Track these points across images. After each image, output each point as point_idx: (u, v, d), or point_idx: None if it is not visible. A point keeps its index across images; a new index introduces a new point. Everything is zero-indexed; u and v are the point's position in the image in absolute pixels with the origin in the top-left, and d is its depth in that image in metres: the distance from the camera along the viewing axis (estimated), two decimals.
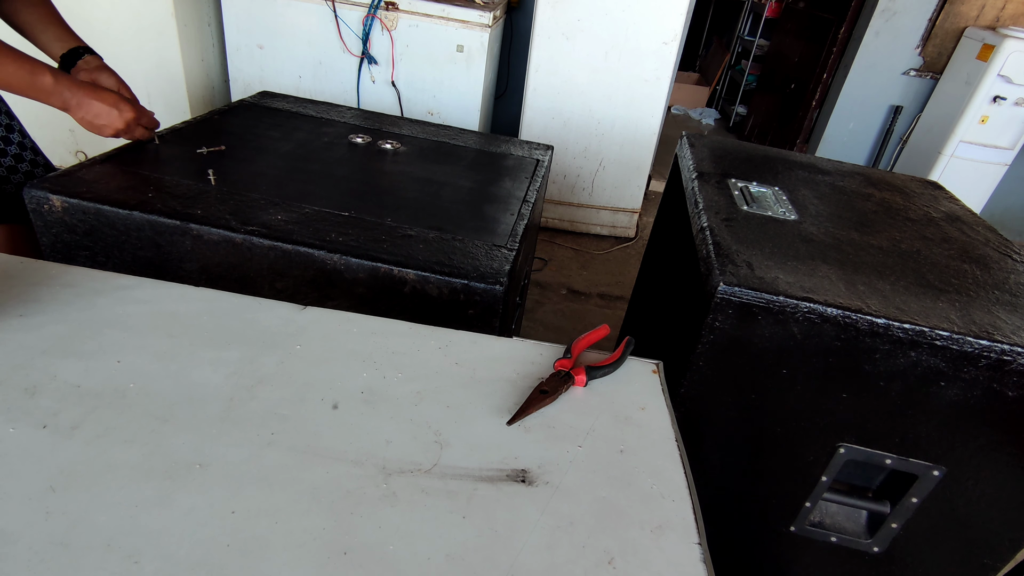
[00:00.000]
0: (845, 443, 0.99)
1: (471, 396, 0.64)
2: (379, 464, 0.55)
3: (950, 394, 0.90)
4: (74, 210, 0.97)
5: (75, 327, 0.64)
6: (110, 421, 0.54)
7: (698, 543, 0.52)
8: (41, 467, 0.49)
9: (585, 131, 2.95)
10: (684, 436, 0.65)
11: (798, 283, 0.92)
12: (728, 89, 6.09)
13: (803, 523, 1.09)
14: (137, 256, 1.00)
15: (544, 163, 1.44)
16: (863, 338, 0.89)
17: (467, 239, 1.04)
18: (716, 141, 1.57)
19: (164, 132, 1.26)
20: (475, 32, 2.68)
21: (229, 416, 0.57)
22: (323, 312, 0.73)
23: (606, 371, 0.70)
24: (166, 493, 0.49)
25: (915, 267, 1.05)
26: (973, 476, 0.97)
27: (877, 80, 3.68)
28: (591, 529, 0.52)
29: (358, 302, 0.97)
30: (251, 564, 0.45)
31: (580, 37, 2.73)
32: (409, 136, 1.47)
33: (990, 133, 3.35)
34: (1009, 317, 0.93)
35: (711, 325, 0.92)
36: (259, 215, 1.00)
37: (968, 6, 3.40)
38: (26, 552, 0.43)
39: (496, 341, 0.74)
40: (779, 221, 1.15)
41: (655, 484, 0.57)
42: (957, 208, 1.38)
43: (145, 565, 0.43)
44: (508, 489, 0.54)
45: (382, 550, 0.47)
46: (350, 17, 2.66)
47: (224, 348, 0.65)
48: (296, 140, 1.34)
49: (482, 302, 0.94)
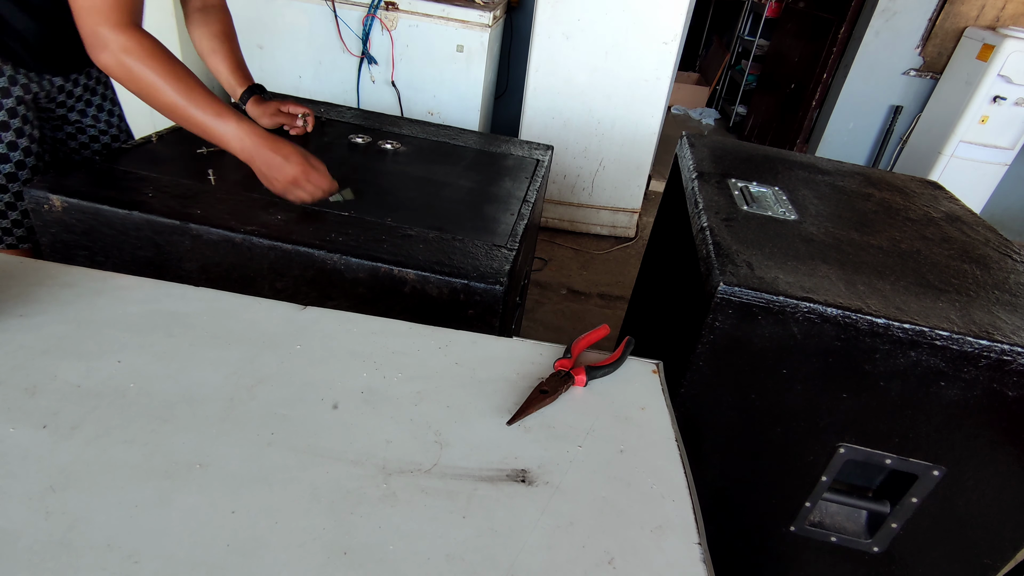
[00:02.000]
0: (845, 443, 0.99)
1: (471, 396, 0.64)
2: (379, 464, 0.55)
3: (950, 394, 0.90)
4: (73, 210, 0.97)
5: (75, 327, 0.64)
6: (110, 421, 0.54)
7: (698, 543, 0.52)
8: (41, 467, 0.49)
9: (585, 131, 2.95)
10: (684, 436, 0.65)
11: (798, 283, 0.92)
12: (728, 89, 6.09)
13: (803, 523, 1.09)
14: (137, 256, 1.00)
15: (544, 163, 1.44)
16: (863, 338, 0.89)
17: (467, 239, 1.04)
18: (716, 141, 1.57)
19: (164, 132, 1.26)
20: (475, 32, 2.68)
21: (229, 416, 0.57)
22: (323, 312, 0.73)
23: (606, 371, 0.70)
24: (166, 493, 0.49)
25: (915, 267, 1.05)
26: (973, 476, 0.97)
27: (877, 80, 3.68)
28: (591, 529, 0.52)
29: (358, 302, 0.97)
30: (251, 564, 0.45)
31: (580, 37, 2.72)
32: (409, 136, 1.47)
33: (990, 133, 3.35)
34: (1009, 317, 0.93)
35: (711, 325, 0.92)
36: (259, 215, 1.00)
37: (968, 6, 3.40)
38: (26, 552, 0.43)
39: (496, 341, 0.74)
40: (779, 221, 1.15)
41: (655, 484, 0.57)
42: (957, 208, 1.38)
43: (145, 565, 0.43)
44: (508, 489, 0.54)
45: (382, 550, 0.47)
46: (350, 17, 2.66)
47: (224, 348, 0.65)
48: (296, 140, 1.34)
49: (482, 302, 0.94)
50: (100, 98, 1.26)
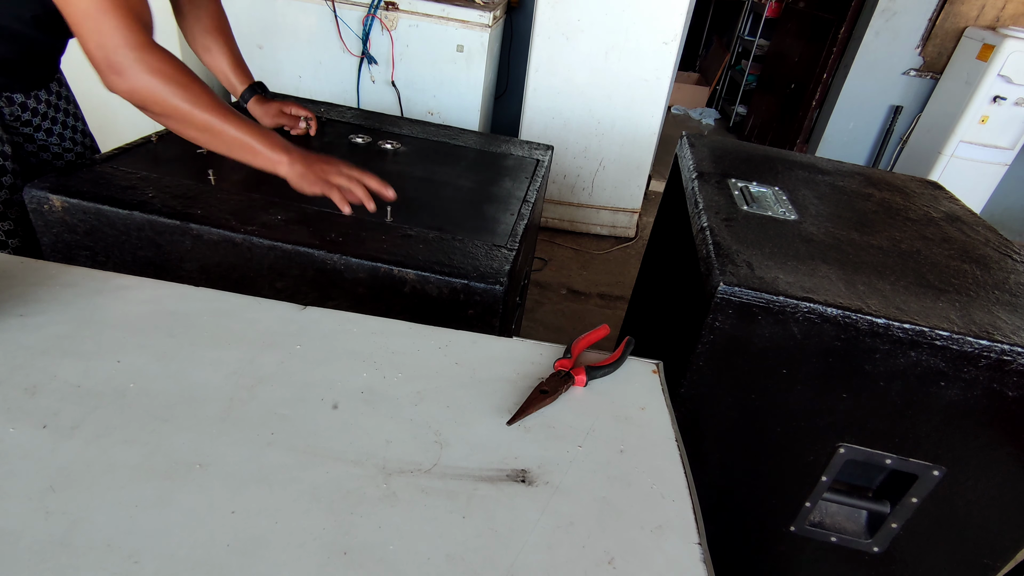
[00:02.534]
0: (845, 443, 0.99)
1: (471, 396, 0.64)
2: (379, 464, 0.55)
3: (950, 394, 0.90)
4: (74, 210, 0.97)
5: (75, 327, 0.64)
6: (110, 421, 0.54)
7: (698, 543, 0.52)
8: (41, 467, 0.49)
9: (585, 131, 2.95)
10: (684, 436, 0.65)
11: (798, 283, 0.92)
12: (728, 89, 6.09)
13: (803, 523, 1.09)
14: (137, 256, 1.00)
15: (544, 163, 1.44)
16: (863, 338, 0.89)
17: (467, 239, 1.04)
18: (716, 141, 1.57)
19: (164, 132, 1.26)
20: (475, 32, 2.68)
21: (229, 416, 0.57)
22: (323, 312, 0.73)
23: (606, 371, 0.70)
24: (166, 493, 0.49)
25: (915, 267, 1.05)
26: (973, 476, 0.97)
27: (877, 80, 3.68)
28: (591, 529, 0.52)
29: (358, 302, 0.97)
30: (251, 564, 0.45)
31: (580, 37, 2.72)
32: (409, 136, 1.47)
33: (990, 133, 3.35)
34: (1009, 317, 0.93)
35: (711, 325, 0.92)
36: (259, 215, 1.00)
37: (968, 6, 3.40)
38: (26, 552, 0.43)
39: (496, 341, 0.74)
40: (779, 221, 1.15)
41: (655, 484, 0.57)
42: (957, 208, 1.38)
43: (145, 565, 0.43)
44: (508, 489, 0.54)
45: (382, 550, 0.47)
46: (350, 17, 2.66)
47: (224, 348, 0.65)
48: (296, 140, 1.34)
49: (482, 302, 0.94)
50: (63, 114, 1.19)
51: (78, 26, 0.83)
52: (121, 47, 0.84)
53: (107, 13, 0.82)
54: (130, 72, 0.85)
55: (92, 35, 0.83)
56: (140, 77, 0.86)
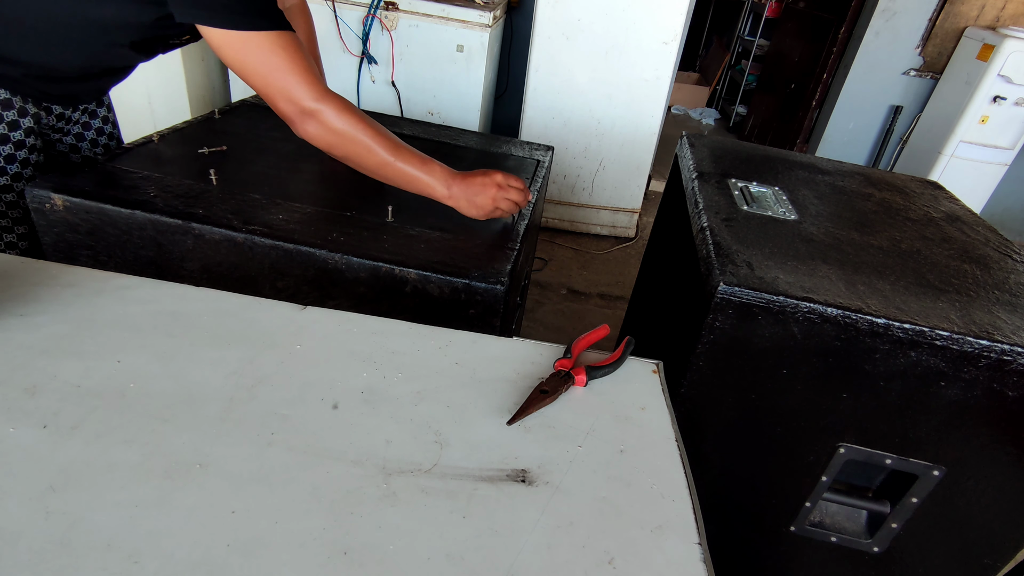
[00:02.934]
0: (845, 443, 0.99)
1: (471, 396, 0.64)
2: (379, 464, 0.55)
3: (950, 394, 0.90)
4: (76, 209, 0.97)
5: (75, 327, 0.64)
6: (110, 421, 0.54)
7: (698, 543, 0.52)
8: (41, 467, 0.49)
9: (585, 131, 2.95)
10: (684, 436, 0.65)
11: (798, 283, 0.92)
12: (728, 89, 6.09)
13: (803, 523, 1.09)
14: (139, 255, 1.01)
15: (544, 164, 1.44)
16: (863, 338, 0.89)
17: (468, 239, 1.04)
18: (716, 141, 1.57)
19: (165, 132, 1.26)
20: (475, 32, 2.68)
21: (229, 416, 0.57)
22: (323, 312, 0.73)
23: (606, 371, 0.70)
24: (166, 493, 0.49)
25: (915, 267, 1.05)
26: (973, 476, 0.97)
27: (877, 80, 3.68)
28: (591, 529, 0.52)
29: (359, 302, 0.97)
30: (251, 564, 0.45)
31: (580, 37, 2.72)
32: (409, 136, 1.47)
33: (990, 133, 3.35)
34: (1009, 317, 0.93)
35: (711, 325, 0.92)
36: (260, 214, 1.00)
37: (968, 6, 3.40)
38: (26, 552, 0.43)
39: (496, 341, 0.74)
40: (779, 221, 1.15)
41: (655, 484, 0.57)
42: (957, 208, 1.38)
43: (145, 565, 0.43)
44: (508, 489, 0.54)
45: (382, 550, 0.47)
46: (350, 17, 2.66)
47: (224, 348, 0.65)
48: (297, 140, 1.34)
49: (483, 302, 0.94)
50: (100, 120, 1.23)
51: (266, 87, 0.92)
52: (307, 99, 0.93)
53: (291, 72, 0.91)
54: (317, 120, 0.94)
55: (281, 92, 0.92)
56: (326, 126, 0.95)
